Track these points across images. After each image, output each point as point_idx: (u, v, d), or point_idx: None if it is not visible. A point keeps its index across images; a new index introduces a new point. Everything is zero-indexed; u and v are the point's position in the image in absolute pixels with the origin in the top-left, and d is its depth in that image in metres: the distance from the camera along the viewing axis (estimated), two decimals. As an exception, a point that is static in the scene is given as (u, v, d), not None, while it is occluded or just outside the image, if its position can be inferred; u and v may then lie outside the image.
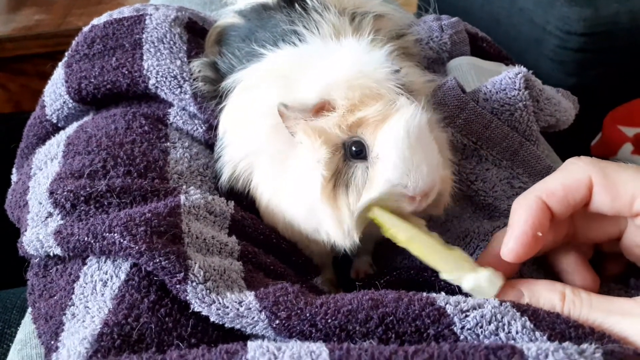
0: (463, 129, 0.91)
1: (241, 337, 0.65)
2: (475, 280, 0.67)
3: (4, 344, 1.02)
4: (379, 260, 0.92)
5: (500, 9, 1.97)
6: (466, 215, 0.89)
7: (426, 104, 0.83)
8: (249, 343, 0.56)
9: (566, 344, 0.53)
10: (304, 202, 0.74)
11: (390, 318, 0.60)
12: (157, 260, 0.64)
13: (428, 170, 0.69)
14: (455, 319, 0.60)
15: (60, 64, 1.03)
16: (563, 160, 0.75)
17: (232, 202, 0.81)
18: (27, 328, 0.81)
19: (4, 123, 1.77)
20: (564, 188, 0.68)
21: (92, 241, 0.68)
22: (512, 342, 0.58)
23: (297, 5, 0.90)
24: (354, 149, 0.72)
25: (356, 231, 0.71)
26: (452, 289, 0.77)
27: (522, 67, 0.94)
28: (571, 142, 1.14)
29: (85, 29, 1.04)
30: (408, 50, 0.95)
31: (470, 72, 1.05)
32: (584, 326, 0.61)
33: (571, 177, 0.68)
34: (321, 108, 0.72)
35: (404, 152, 0.68)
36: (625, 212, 0.67)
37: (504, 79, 0.92)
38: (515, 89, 0.90)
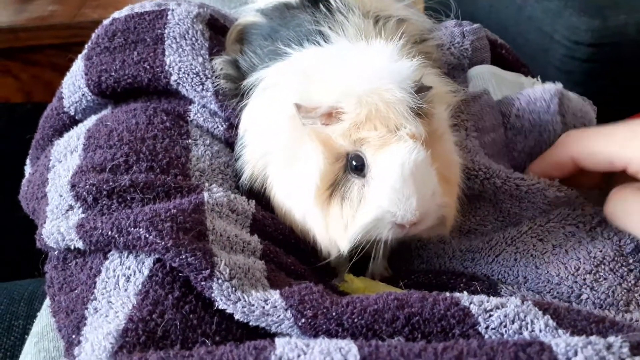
0: (487, 147, 0.92)
1: (265, 335, 0.64)
2: None
3: (12, 336, 1.02)
4: (394, 263, 0.92)
5: (507, 17, 1.97)
6: (488, 227, 0.89)
7: (449, 113, 0.83)
8: (277, 339, 0.56)
9: (593, 338, 0.54)
10: (300, 205, 0.77)
11: (417, 318, 0.60)
12: (184, 257, 0.64)
13: (417, 203, 0.70)
14: (480, 319, 0.60)
15: (80, 56, 1.02)
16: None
17: (253, 201, 0.81)
18: (44, 321, 0.81)
19: (14, 112, 1.76)
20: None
21: (116, 236, 0.68)
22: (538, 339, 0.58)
23: (321, 6, 0.90)
24: (354, 163, 0.73)
25: (345, 245, 0.73)
26: (472, 291, 0.77)
27: (558, 84, 0.94)
28: None
29: (106, 21, 1.04)
30: (430, 55, 0.95)
31: (492, 81, 1.05)
32: (605, 320, 0.61)
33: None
34: (330, 115, 0.73)
35: (395, 184, 0.70)
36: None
37: (539, 99, 0.92)
38: (548, 114, 0.91)
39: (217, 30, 1.04)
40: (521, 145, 0.94)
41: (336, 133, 0.73)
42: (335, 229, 0.74)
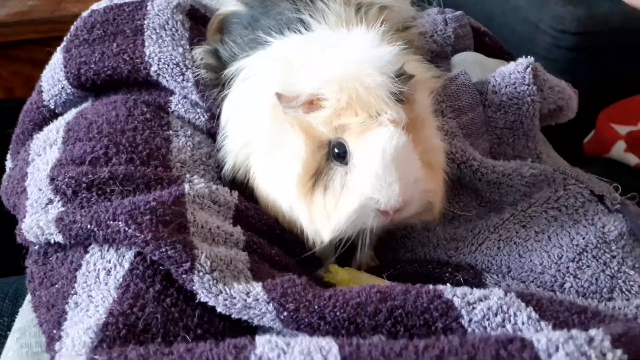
0: (466, 127, 0.92)
1: (248, 328, 0.64)
2: None
3: (-3, 333, 1.01)
4: (380, 253, 0.92)
5: (494, 6, 1.97)
6: (472, 212, 0.89)
7: (431, 99, 0.83)
8: (257, 338, 0.55)
9: (574, 332, 0.53)
10: (285, 195, 0.76)
11: (399, 311, 0.60)
12: (163, 250, 0.63)
13: (400, 189, 0.70)
14: (463, 312, 0.60)
15: (58, 48, 1.01)
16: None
17: (236, 192, 0.80)
18: (25, 316, 0.80)
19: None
20: None
21: (95, 229, 0.67)
22: (519, 333, 0.58)
23: None
24: (336, 150, 0.72)
25: (329, 235, 0.73)
26: (457, 282, 0.77)
27: (530, 58, 0.94)
28: (564, 138, 1.15)
29: (85, 13, 1.02)
30: (413, 43, 0.94)
31: (475, 68, 1.06)
32: (587, 311, 0.61)
33: None
34: (311, 102, 0.72)
35: (377, 170, 0.70)
36: None
37: (513, 72, 0.93)
38: (524, 84, 0.91)
39: (197, 20, 1.03)
40: (502, 121, 0.95)
41: (318, 120, 0.72)
42: (319, 219, 0.73)
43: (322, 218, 0.73)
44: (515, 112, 0.93)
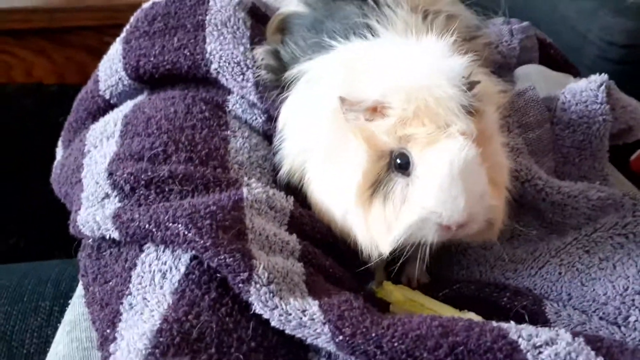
0: (532, 144, 0.89)
1: (301, 345, 0.62)
2: None
3: (39, 317, 1.02)
4: (432, 269, 0.88)
5: (541, 15, 1.92)
6: (533, 232, 0.86)
7: (498, 114, 0.80)
8: None
9: None
10: (341, 203, 0.74)
11: (461, 348, 0.57)
12: (222, 257, 0.62)
13: (465, 204, 0.66)
14: (529, 356, 0.57)
15: (118, 39, 1.00)
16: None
17: (291, 197, 0.79)
18: (76, 309, 0.80)
19: (40, 93, 1.77)
20: None
21: (154, 230, 0.66)
22: None
23: (369, 0, 0.86)
24: (398, 161, 0.70)
25: (387, 247, 0.70)
26: (516, 308, 0.74)
27: (604, 75, 0.90)
28: (610, 155, 1.12)
29: (146, 5, 1.02)
30: (480, 54, 0.91)
31: (539, 81, 1.02)
32: None
33: None
34: (374, 109, 0.70)
35: (442, 182, 0.66)
36: None
37: (585, 90, 0.89)
38: (597, 102, 0.88)
39: (258, 19, 1.02)
40: (570, 140, 0.91)
41: (380, 129, 0.69)
42: (377, 230, 0.70)
43: (380, 229, 0.70)
44: (585, 132, 0.89)
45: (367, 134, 0.71)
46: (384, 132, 0.69)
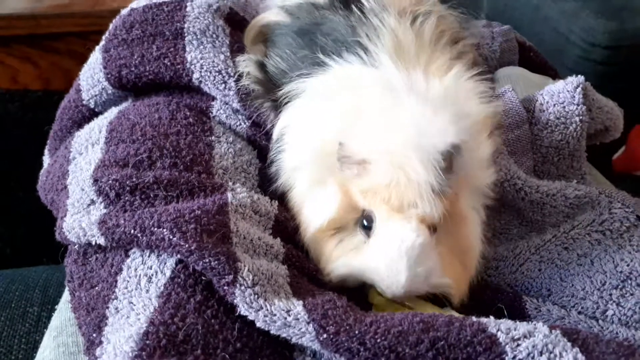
0: (511, 145, 0.90)
1: (286, 345, 0.64)
2: None
3: (27, 323, 1.02)
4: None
5: (523, 16, 1.94)
6: (513, 231, 0.88)
7: (490, 142, 0.81)
8: None
9: None
10: (307, 228, 0.77)
11: (442, 343, 0.59)
12: (207, 260, 0.63)
13: (406, 282, 0.69)
14: (507, 349, 0.59)
15: (97, 47, 1.00)
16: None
17: (276, 201, 0.80)
18: (63, 315, 0.80)
19: (26, 98, 1.77)
20: None
21: (139, 235, 0.67)
22: None
23: (354, 8, 0.85)
24: (365, 222, 0.73)
25: (331, 279, 0.74)
26: (498, 308, 0.76)
27: (580, 77, 0.93)
28: (593, 155, 1.14)
29: (124, 12, 1.01)
30: (467, 55, 0.91)
31: (519, 83, 1.04)
32: (635, 353, 0.60)
33: None
34: (360, 163, 0.72)
35: (387, 259, 0.70)
36: None
37: (562, 91, 0.91)
38: (573, 104, 0.90)
39: (235, 25, 1.01)
40: (548, 140, 0.93)
41: (357, 189, 0.72)
42: (322, 259, 0.75)
43: (324, 259, 0.74)
44: (562, 132, 0.91)
45: (345, 188, 0.74)
46: (360, 192, 0.72)
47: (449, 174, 0.69)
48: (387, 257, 0.69)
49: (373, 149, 0.71)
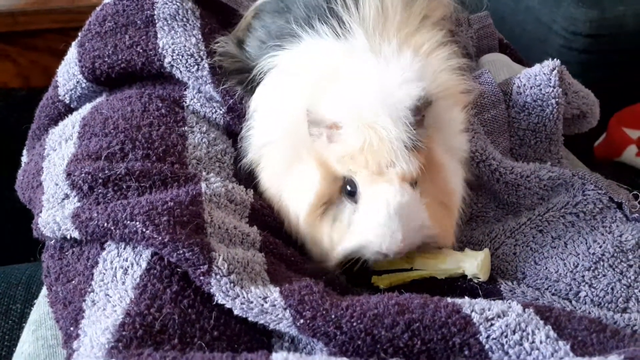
0: (487, 124, 0.91)
1: (264, 331, 0.64)
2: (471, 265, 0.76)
3: (10, 320, 1.02)
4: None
5: (505, 7, 1.95)
6: (490, 214, 0.89)
7: (463, 115, 0.82)
8: (274, 355, 0.55)
9: None
10: (295, 212, 0.77)
11: (417, 324, 0.60)
12: (181, 252, 0.63)
13: (403, 237, 0.71)
14: (481, 328, 0.60)
15: (73, 43, 1.00)
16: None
17: (251, 190, 0.80)
18: (41, 309, 0.80)
19: (10, 98, 1.75)
20: None
21: (112, 228, 0.67)
22: (536, 352, 0.59)
23: None
24: (348, 187, 0.74)
25: (331, 262, 0.75)
26: (471, 287, 0.77)
27: (556, 60, 0.94)
28: (574, 142, 1.15)
29: (98, 7, 1.01)
30: (451, 30, 0.93)
31: (503, 69, 1.06)
32: (606, 329, 0.61)
33: None
34: (331, 127, 0.73)
35: (380, 220, 0.71)
36: None
37: (538, 74, 0.92)
38: (550, 86, 0.91)
39: (206, 5, 1.01)
40: (525, 122, 0.94)
41: (334, 156, 0.73)
42: (323, 246, 0.75)
43: (326, 246, 0.75)
44: (539, 114, 0.92)
45: (322, 159, 0.74)
46: (337, 159, 0.73)
47: (420, 128, 0.70)
48: (378, 219, 0.70)
49: (342, 111, 0.71)
